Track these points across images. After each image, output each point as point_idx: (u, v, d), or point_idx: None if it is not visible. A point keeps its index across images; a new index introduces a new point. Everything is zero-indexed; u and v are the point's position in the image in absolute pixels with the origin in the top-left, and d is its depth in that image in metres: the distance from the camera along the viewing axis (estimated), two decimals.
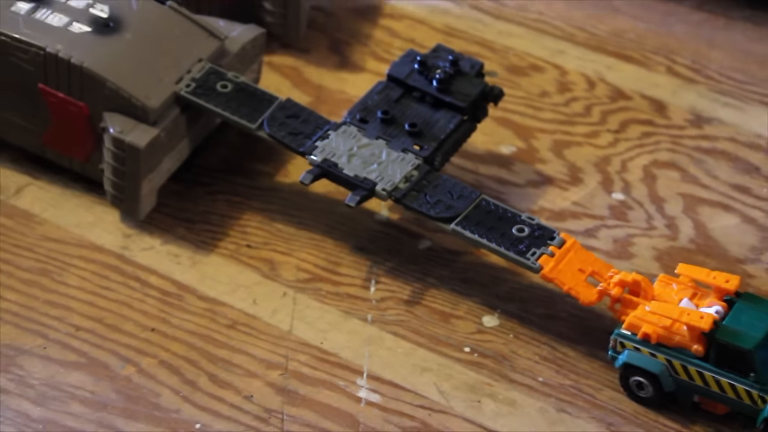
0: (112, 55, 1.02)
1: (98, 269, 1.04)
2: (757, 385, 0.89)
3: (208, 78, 1.04)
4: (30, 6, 1.04)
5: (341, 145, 1.02)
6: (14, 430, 0.93)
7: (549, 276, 0.95)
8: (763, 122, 1.18)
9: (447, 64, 1.06)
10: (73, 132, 1.04)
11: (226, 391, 0.96)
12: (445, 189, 0.99)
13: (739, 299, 0.92)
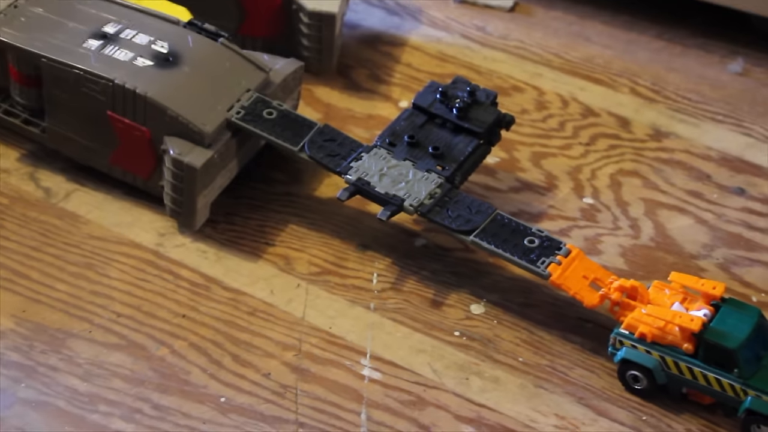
0: (172, 86, 1.02)
1: (136, 263, 1.04)
2: (740, 379, 0.89)
3: (256, 106, 1.04)
4: (100, 43, 1.04)
5: (373, 165, 1.02)
6: (64, 402, 0.94)
7: (557, 282, 0.95)
8: (714, 136, 1.18)
9: (465, 94, 1.06)
10: (137, 153, 1.04)
11: (247, 369, 0.97)
12: (464, 205, 0.99)
13: (725, 304, 0.93)
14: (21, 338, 0.98)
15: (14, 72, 1.07)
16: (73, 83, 1.03)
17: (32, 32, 1.05)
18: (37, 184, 1.11)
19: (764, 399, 0.89)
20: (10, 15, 1.06)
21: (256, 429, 0.93)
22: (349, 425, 0.93)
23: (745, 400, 0.89)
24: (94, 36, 1.05)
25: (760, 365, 0.90)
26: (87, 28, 1.06)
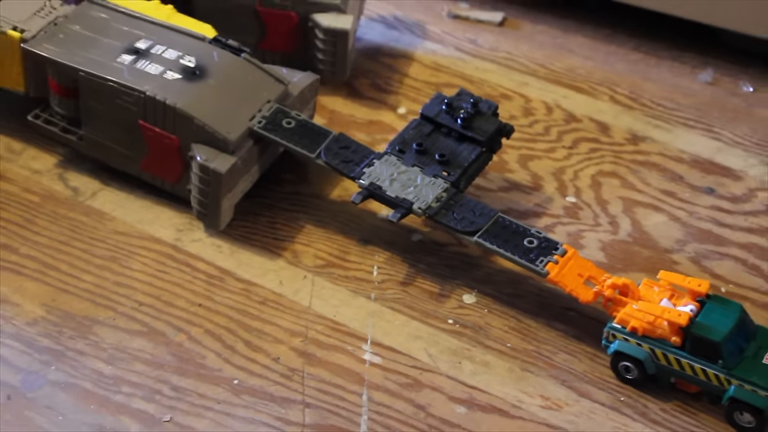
0: (199, 98, 1.02)
1: (156, 257, 1.04)
2: (724, 370, 0.89)
3: (276, 116, 1.04)
4: (132, 58, 1.04)
5: (384, 171, 1.01)
6: (90, 384, 0.94)
7: (554, 279, 0.95)
8: (686, 141, 1.18)
9: (469, 105, 1.06)
10: (166, 159, 1.04)
11: (258, 354, 0.97)
12: (468, 208, 0.99)
13: (709, 300, 0.93)
14: (51, 325, 0.98)
15: (54, 84, 1.07)
16: (108, 95, 1.03)
17: (70, 48, 1.05)
18: (66, 184, 1.11)
19: (746, 388, 0.88)
20: (50, 32, 1.06)
21: (266, 409, 0.93)
22: (352, 405, 0.93)
23: (729, 389, 0.89)
24: (127, 51, 1.05)
25: (743, 357, 0.90)
26: (121, 44, 1.06)
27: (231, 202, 1.03)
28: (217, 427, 0.91)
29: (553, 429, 0.92)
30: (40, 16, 1.08)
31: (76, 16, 1.08)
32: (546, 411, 0.93)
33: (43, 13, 1.08)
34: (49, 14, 1.08)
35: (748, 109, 1.23)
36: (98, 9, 1.09)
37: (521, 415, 0.93)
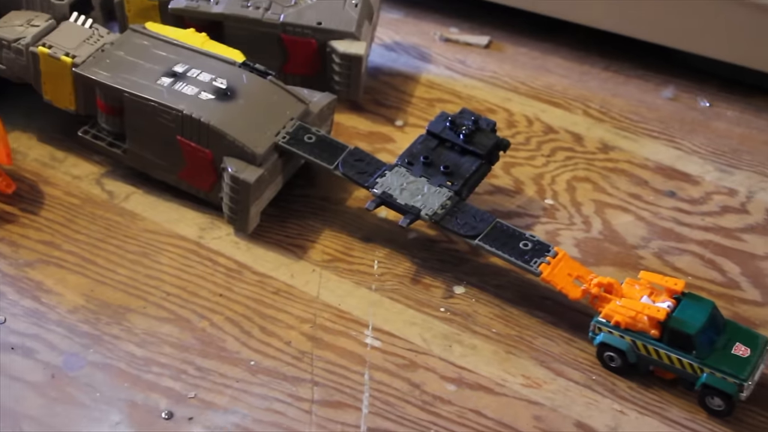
0: (230, 116, 1.01)
1: (182, 252, 1.04)
2: (697, 359, 0.89)
3: (298, 132, 1.03)
4: (171, 80, 1.03)
5: (395, 181, 1.01)
6: (124, 364, 0.94)
7: (547, 278, 0.94)
8: (651, 150, 1.18)
9: (470, 122, 1.05)
10: (201, 171, 1.04)
11: (272, 338, 0.97)
12: (470, 214, 0.98)
13: (684, 297, 0.92)
14: (90, 313, 0.98)
15: (101, 104, 1.07)
16: (150, 113, 1.03)
17: (116, 71, 1.05)
18: (102, 188, 1.11)
19: (717, 375, 0.88)
20: (98, 57, 1.06)
21: (279, 387, 0.93)
22: (355, 384, 0.93)
23: (701, 376, 0.89)
24: (166, 74, 1.04)
25: (714, 348, 0.90)
26: (160, 68, 1.05)
27: (258, 208, 1.03)
28: (236, 403, 0.91)
29: (533, 404, 0.92)
30: (89, 43, 1.07)
31: (120, 43, 1.08)
32: (527, 389, 0.93)
33: (91, 41, 1.08)
34: (97, 42, 1.08)
35: (705, 122, 1.22)
36: (140, 37, 1.09)
37: (504, 392, 0.93)
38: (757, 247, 1.07)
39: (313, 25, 1.12)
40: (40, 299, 0.99)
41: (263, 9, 1.12)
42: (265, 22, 1.12)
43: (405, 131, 1.19)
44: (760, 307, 1.01)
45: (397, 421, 0.90)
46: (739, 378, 0.88)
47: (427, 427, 0.90)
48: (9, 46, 1.07)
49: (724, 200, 1.12)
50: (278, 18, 1.12)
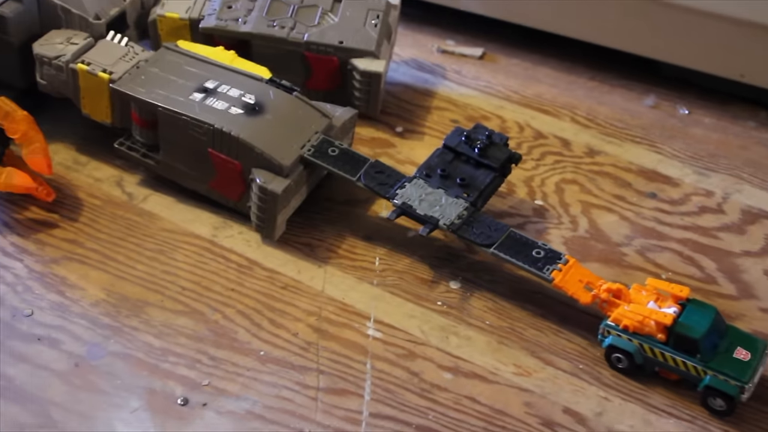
0: (258, 129, 1.01)
1: (197, 250, 1.04)
2: (702, 363, 0.89)
3: (322, 145, 1.02)
4: (202, 96, 1.03)
5: (414, 192, 1.00)
6: (143, 354, 0.94)
7: (559, 285, 0.94)
8: (634, 154, 1.18)
9: (484, 137, 1.05)
10: (231, 181, 1.03)
11: (280, 330, 0.97)
12: (485, 224, 0.98)
13: (689, 303, 0.92)
14: (110, 306, 0.98)
15: (136, 117, 1.06)
16: (182, 127, 1.02)
17: (150, 87, 1.04)
18: (122, 189, 1.11)
19: (720, 378, 0.88)
20: (133, 74, 1.06)
21: (287, 375, 0.93)
22: (358, 372, 0.93)
23: (705, 378, 0.89)
24: (198, 90, 1.04)
25: (717, 351, 0.89)
26: (192, 84, 1.05)
27: (284, 217, 1.03)
28: (247, 390, 0.91)
29: (523, 391, 0.92)
30: (125, 61, 1.07)
31: (155, 60, 1.08)
32: (518, 377, 0.94)
33: (127, 58, 1.08)
34: (132, 59, 1.08)
35: (684, 129, 1.23)
36: (173, 54, 1.08)
37: (497, 380, 0.93)
38: (733, 245, 1.07)
39: (335, 44, 1.12)
40: (65, 293, 0.99)
41: (288, 28, 1.12)
42: (290, 40, 1.12)
43: (405, 137, 1.19)
44: (735, 300, 1.01)
45: (397, 408, 0.91)
46: (740, 381, 0.88)
47: (425, 413, 0.90)
48: (50, 63, 1.07)
49: (702, 201, 1.12)
50: (302, 37, 1.12)
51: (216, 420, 0.89)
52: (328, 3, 1.15)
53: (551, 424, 0.90)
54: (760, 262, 1.05)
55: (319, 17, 1.14)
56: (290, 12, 1.14)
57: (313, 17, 1.14)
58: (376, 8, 1.15)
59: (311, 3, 1.15)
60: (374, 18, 1.14)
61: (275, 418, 0.89)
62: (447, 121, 1.21)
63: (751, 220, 1.10)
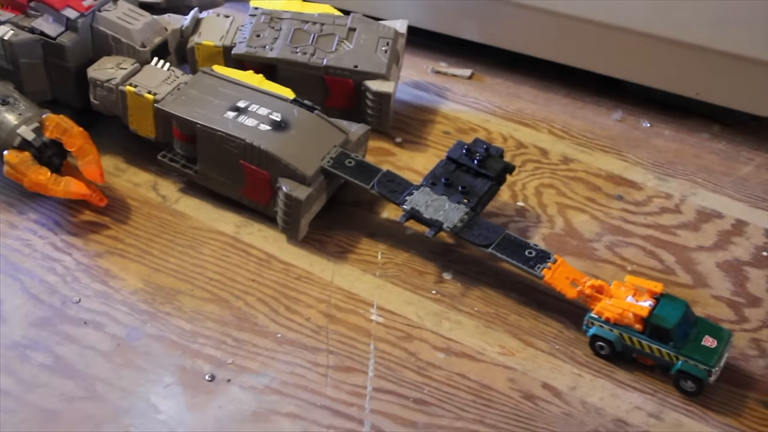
0: (284, 144, 1.01)
1: (221, 245, 1.04)
2: (674, 349, 0.89)
3: (340, 157, 1.02)
4: (235, 114, 1.03)
5: (421, 199, 1.00)
6: (175, 336, 0.94)
7: (548, 281, 0.93)
8: (603, 162, 1.18)
9: (483, 150, 1.04)
10: (260, 188, 1.03)
11: (294, 315, 0.97)
12: (484, 227, 0.97)
13: (663, 297, 0.91)
14: (147, 294, 0.99)
15: (177, 133, 1.06)
16: (218, 141, 1.02)
17: (190, 106, 1.04)
18: (157, 193, 1.11)
19: (690, 363, 0.88)
20: (175, 95, 1.06)
21: (300, 355, 0.93)
22: (362, 352, 0.93)
23: (677, 363, 0.89)
24: (231, 109, 1.04)
25: (687, 339, 0.89)
26: (226, 104, 1.04)
27: (307, 220, 1.03)
28: (266, 368, 0.92)
29: (507, 369, 0.93)
30: (167, 83, 1.07)
31: (193, 82, 1.07)
32: (502, 356, 0.94)
33: (169, 81, 1.08)
34: (174, 81, 1.08)
35: (647, 139, 1.23)
36: (209, 78, 1.08)
37: (484, 359, 0.93)
38: (689, 241, 1.07)
39: (350, 68, 1.12)
40: (108, 283, 1.00)
41: (309, 54, 1.12)
42: (311, 65, 1.12)
43: (403, 147, 1.19)
44: (690, 288, 1.02)
45: (396, 383, 0.91)
46: (708, 365, 0.88)
47: (422, 388, 0.91)
48: (102, 85, 1.07)
49: (662, 203, 1.13)
50: (321, 62, 1.12)
51: (239, 394, 0.89)
52: (343, 32, 1.15)
53: (531, 397, 0.90)
54: (712, 255, 1.06)
55: (336, 44, 1.13)
56: (311, 40, 1.14)
57: (331, 44, 1.13)
58: (385, 36, 1.15)
59: (329, 32, 1.14)
60: (384, 45, 1.14)
61: (290, 392, 0.90)
62: (440, 132, 1.21)
63: (705, 219, 1.10)
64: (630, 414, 0.89)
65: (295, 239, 1.04)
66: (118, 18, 1.09)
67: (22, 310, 0.96)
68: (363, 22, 1.16)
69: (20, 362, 0.91)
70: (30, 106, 1.04)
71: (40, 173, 1.01)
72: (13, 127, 1.02)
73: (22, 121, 1.02)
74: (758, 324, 0.98)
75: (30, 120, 1.02)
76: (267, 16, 1.16)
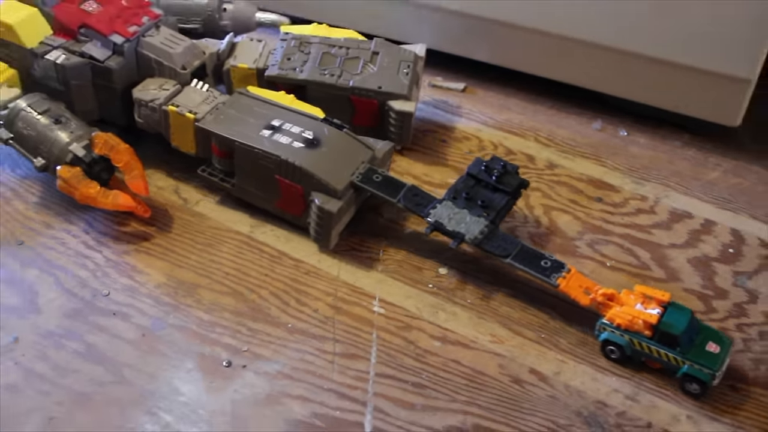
0: (317, 160, 0.99)
1: (237, 244, 1.04)
2: (681, 354, 0.87)
3: (368, 172, 1.01)
4: (270, 132, 1.01)
5: (444, 212, 0.98)
6: (195, 326, 0.94)
7: (563, 289, 0.91)
8: (584, 167, 1.18)
9: (500, 167, 1.03)
10: (294, 201, 1.01)
11: (304, 307, 0.97)
12: (502, 238, 0.96)
13: (670, 306, 0.90)
14: (170, 288, 0.98)
15: (216, 149, 1.04)
16: (254, 157, 1.00)
17: (229, 125, 1.03)
18: (179, 196, 1.11)
19: (695, 367, 0.87)
20: (214, 114, 1.04)
21: (309, 343, 0.93)
22: (365, 341, 0.93)
23: (683, 367, 0.88)
24: (267, 127, 1.02)
25: (693, 345, 0.88)
26: (262, 122, 1.03)
27: (337, 231, 1.01)
28: (278, 355, 0.92)
29: (497, 356, 0.92)
30: (207, 103, 1.06)
31: (231, 102, 1.06)
32: (493, 344, 0.93)
33: (208, 101, 1.06)
34: (212, 102, 1.06)
35: (624, 147, 1.23)
36: (245, 98, 1.06)
37: (477, 347, 0.93)
38: (662, 239, 1.07)
39: (375, 89, 1.10)
40: (134, 278, 0.99)
41: (336, 76, 1.11)
42: (338, 86, 1.10)
43: (403, 154, 1.19)
44: (664, 283, 1.01)
45: (397, 369, 0.91)
46: (712, 369, 0.86)
47: (419, 373, 0.90)
48: (146, 105, 1.06)
49: (638, 204, 1.12)
50: (348, 83, 1.10)
51: (253, 379, 0.89)
52: (368, 55, 1.13)
53: (519, 381, 0.90)
54: (683, 252, 1.05)
55: (362, 67, 1.12)
56: (338, 63, 1.12)
57: (357, 67, 1.12)
58: (406, 59, 1.13)
59: (354, 55, 1.13)
60: (405, 67, 1.12)
61: (300, 377, 0.90)
62: (438, 141, 1.21)
63: (677, 219, 1.10)
64: (609, 396, 0.89)
65: (326, 248, 1.02)
66: (161, 43, 1.08)
67: (57, 303, 0.96)
68: (385, 46, 1.14)
69: (55, 349, 0.91)
70: (80, 124, 1.04)
71: (90, 187, 1.00)
72: (65, 144, 1.01)
73: (73, 139, 1.02)
74: (725, 314, 0.97)
75: (81, 138, 1.02)
76: (297, 40, 1.14)
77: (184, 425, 0.85)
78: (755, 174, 1.17)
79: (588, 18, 1.18)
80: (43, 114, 1.03)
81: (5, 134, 1.03)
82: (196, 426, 0.85)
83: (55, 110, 1.05)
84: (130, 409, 0.86)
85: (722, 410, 0.88)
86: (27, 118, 1.03)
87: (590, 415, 0.87)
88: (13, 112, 1.04)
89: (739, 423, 0.87)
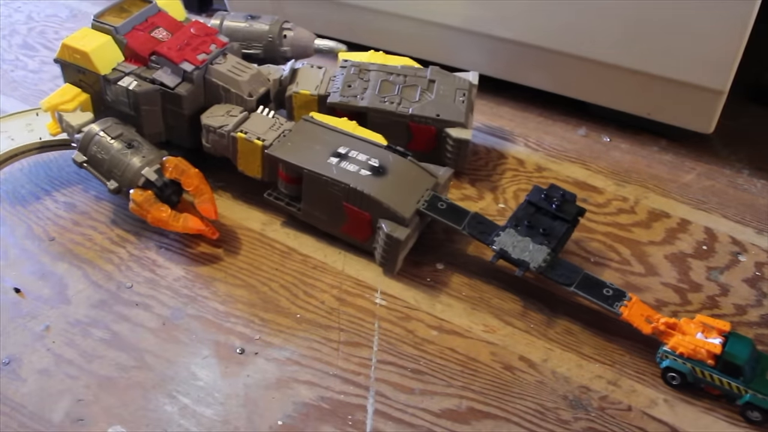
0: (384, 188, 0.96)
1: (250, 240, 1.04)
2: (744, 384, 0.85)
3: (433, 200, 0.97)
4: (337, 159, 0.98)
5: (508, 240, 0.94)
6: (211, 316, 0.94)
7: (626, 318, 0.88)
8: (570, 170, 1.17)
9: (559, 195, 1.00)
10: (360, 227, 0.98)
11: (311, 299, 0.96)
12: (564, 266, 0.92)
13: (731, 335, 0.87)
14: (188, 281, 0.98)
15: (282, 174, 1.02)
16: (323, 184, 0.97)
17: (296, 152, 0.99)
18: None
19: (759, 396, 0.84)
20: (282, 141, 1.01)
21: (316, 332, 0.93)
22: (368, 330, 0.93)
23: (745, 396, 0.85)
24: (333, 154, 0.99)
25: (755, 374, 0.86)
26: (328, 149, 0.99)
27: (402, 255, 0.98)
28: (287, 343, 0.91)
29: (490, 344, 0.92)
30: (273, 130, 1.02)
31: (297, 129, 1.03)
32: (486, 333, 0.93)
33: (275, 128, 1.03)
34: (279, 128, 1.03)
35: (607, 152, 1.22)
36: (311, 125, 1.03)
37: (471, 336, 0.93)
38: (642, 237, 1.07)
39: (433, 116, 1.07)
40: (155, 271, 0.99)
41: (396, 103, 1.07)
42: (398, 113, 1.07)
43: None
44: (643, 277, 1.01)
45: (396, 356, 0.91)
46: None
47: (418, 360, 0.90)
48: (215, 131, 1.03)
49: (619, 205, 1.12)
50: (407, 111, 1.07)
51: (265, 365, 0.89)
52: (425, 83, 1.10)
53: (510, 368, 0.90)
54: (661, 249, 1.05)
55: (419, 95, 1.09)
56: (396, 90, 1.09)
57: (415, 94, 1.09)
58: (462, 87, 1.11)
59: (412, 83, 1.10)
60: (461, 96, 1.10)
61: (308, 364, 0.90)
62: None
63: (655, 219, 1.10)
64: (593, 381, 0.89)
65: (391, 273, 0.99)
66: (228, 70, 1.04)
67: (84, 294, 0.96)
68: (441, 74, 1.12)
69: (82, 337, 0.91)
70: (151, 149, 1.01)
71: (162, 210, 0.98)
72: (137, 168, 0.99)
73: (145, 163, 0.99)
74: (699, 306, 0.97)
75: (152, 162, 1.00)
76: (356, 68, 1.11)
77: (200, 407, 0.85)
78: (726, 177, 1.17)
79: (573, 33, 1.18)
80: (117, 138, 1.00)
81: (80, 157, 1.01)
82: (212, 408, 0.85)
83: (128, 135, 1.02)
84: (151, 392, 0.86)
85: (696, 394, 0.88)
86: (101, 142, 1.00)
87: (575, 399, 0.87)
88: (88, 136, 1.01)
89: (711, 405, 0.87)
